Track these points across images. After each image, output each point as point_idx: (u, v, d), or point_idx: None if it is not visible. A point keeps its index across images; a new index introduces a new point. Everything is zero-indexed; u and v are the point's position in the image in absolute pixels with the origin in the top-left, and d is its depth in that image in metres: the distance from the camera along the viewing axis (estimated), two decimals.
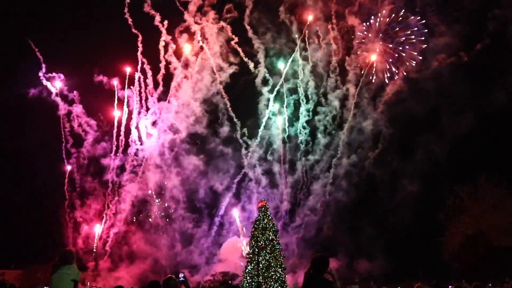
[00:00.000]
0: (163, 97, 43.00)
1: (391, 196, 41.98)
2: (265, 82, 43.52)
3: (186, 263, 38.76)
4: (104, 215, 40.38)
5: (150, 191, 42.52)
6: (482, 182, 37.35)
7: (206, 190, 42.50)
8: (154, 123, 43.00)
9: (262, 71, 43.20)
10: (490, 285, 23.65)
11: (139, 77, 42.68)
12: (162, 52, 42.04)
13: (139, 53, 42.16)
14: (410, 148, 43.94)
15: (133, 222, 41.70)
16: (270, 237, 27.17)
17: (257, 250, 26.55)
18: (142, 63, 42.54)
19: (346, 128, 43.64)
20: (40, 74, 40.98)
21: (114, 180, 41.72)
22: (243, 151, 43.03)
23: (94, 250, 38.98)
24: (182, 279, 6.97)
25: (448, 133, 41.64)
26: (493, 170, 37.48)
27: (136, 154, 42.29)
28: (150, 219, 42.48)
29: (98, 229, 39.93)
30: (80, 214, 39.67)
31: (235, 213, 42.24)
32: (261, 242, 26.80)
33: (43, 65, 41.24)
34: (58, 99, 41.46)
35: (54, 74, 41.67)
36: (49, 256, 29.13)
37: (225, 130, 43.06)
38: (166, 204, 43.02)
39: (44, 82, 41.03)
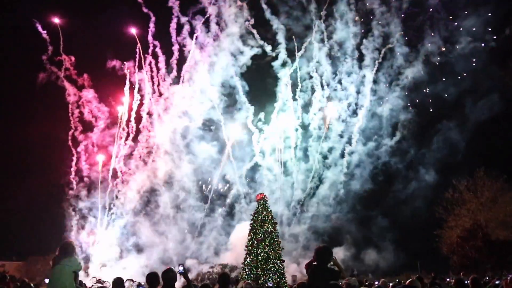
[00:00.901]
0: (176, 81, 41.21)
1: (405, 186, 41.20)
2: (283, 65, 42.13)
3: (195, 253, 38.07)
4: (113, 206, 39.18)
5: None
6: (481, 175, 37.42)
7: (218, 179, 41.47)
8: (166, 109, 41.08)
9: (279, 54, 41.75)
10: (487, 277, 23.74)
11: (150, 62, 40.84)
12: (174, 35, 40.40)
13: (150, 36, 40.49)
14: (427, 136, 42.64)
15: (142, 212, 40.22)
16: (269, 229, 27.28)
17: (256, 242, 26.65)
18: (154, 46, 40.80)
19: (361, 114, 42.02)
20: (45, 57, 39.11)
21: (122, 168, 40.00)
22: (255, 137, 41.75)
23: (95, 238, 38.16)
24: (181, 271, 6.96)
25: (467, 121, 40.51)
26: (492, 163, 37.60)
27: (146, 141, 40.56)
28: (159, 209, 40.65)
29: (103, 217, 38.75)
30: (86, 204, 38.53)
31: None
32: (260, 235, 26.90)
33: (50, 47, 39.23)
34: (67, 84, 39.65)
35: (64, 56, 39.63)
36: (51, 247, 29.15)
37: (240, 116, 41.72)
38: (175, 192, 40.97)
39: (48, 66, 39.18)
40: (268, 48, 41.43)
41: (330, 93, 42.60)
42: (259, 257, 26.11)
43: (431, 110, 42.55)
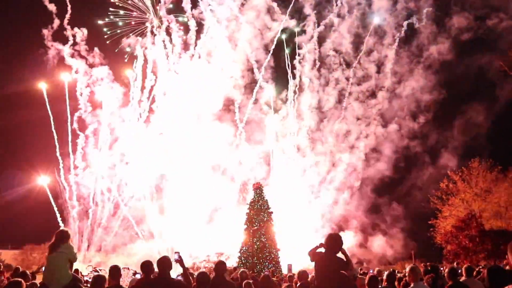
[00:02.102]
0: (193, 58, 39.05)
1: (422, 172, 39.82)
2: (301, 42, 40.21)
3: (207, 240, 36.16)
4: (122, 192, 37.59)
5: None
6: (476, 166, 37.56)
7: (233, 162, 39.51)
8: (181, 88, 38.71)
9: (299, 30, 39.97)
10: (480, 266, 23.96)
11: (164, 38, 38.67)
12: (189, 8, 38.28)
13: (164, 10, 38.28)
14: (448, 120, 40.45)
15: (151, 198, 38.28)
16: (265, 219, 27.40)
17: (252, 231, 26.83)
18: (169, 21, 38.64)
19: (380, 95, 39.98)
20: (49, 31, 36.99)
21: (132, 151, 37.92)
22: (273, 118, 40.35)
23: (90, 223, 36.49)
24: (177, 258, 6.95)
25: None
26: (487, 154, 37.66)
27: (159, 122, 38.31)
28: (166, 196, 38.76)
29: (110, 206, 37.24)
30: (89, 191, 37.12)
31: None
32: (256, 224, 27.05)
33: (55, 20, 36.75)
34: (73, 61, 37.38)
35: (75, 29, 36.97)
36: (47, 236, 28.78)
37: (261, 95, 40.09)
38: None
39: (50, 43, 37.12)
40: (291, 22, 39.54)
41: (349, 72, 40.57)
42: (255, 246, 26.29)
43: (447, 91, 40.00)
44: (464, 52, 39.39)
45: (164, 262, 6.70)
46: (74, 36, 37.54)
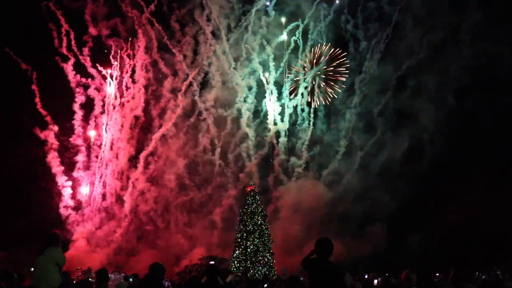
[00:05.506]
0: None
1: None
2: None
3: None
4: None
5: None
6: (475, 168, 37.23)
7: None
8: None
9: None
10: (478, 273, 23.65)
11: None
12: None
13: None
14: None
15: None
16: (259, 222, 27.35)
17: (245, 235, 26.81)
18: None
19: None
20: None
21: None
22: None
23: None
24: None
25: None
26: (486, 157, 37.16)
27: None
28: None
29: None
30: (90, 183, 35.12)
31: None
32: (250, 227, 27.01)
33: None
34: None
35: None
36: (35, 238, 28.29)
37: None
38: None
39: None
40: None
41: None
42: (248, 250, 26.24)
43: None
44: None
45: (156, 268, 6.63)
46: None
